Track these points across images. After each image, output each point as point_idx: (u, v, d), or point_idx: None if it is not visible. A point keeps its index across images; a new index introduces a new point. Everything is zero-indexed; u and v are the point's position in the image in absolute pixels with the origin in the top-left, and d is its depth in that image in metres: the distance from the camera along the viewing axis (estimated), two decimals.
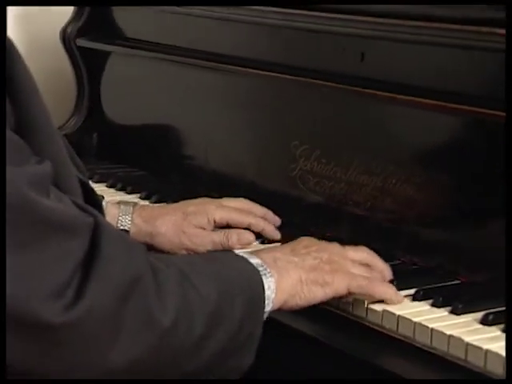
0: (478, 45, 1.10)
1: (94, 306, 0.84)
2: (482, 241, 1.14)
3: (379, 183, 1.25)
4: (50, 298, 0.82)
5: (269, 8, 1.35)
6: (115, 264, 0.87)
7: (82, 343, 0.85)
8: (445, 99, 1.15)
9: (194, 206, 1.31)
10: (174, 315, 0.90)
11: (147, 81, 1.64)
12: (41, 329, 0.82)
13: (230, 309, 0.97)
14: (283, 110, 1.40)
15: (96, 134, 1.73)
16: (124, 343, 0.87)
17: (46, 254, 0.83)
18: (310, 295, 1.05)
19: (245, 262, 1.03)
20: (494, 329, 0.98)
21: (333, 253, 1.11)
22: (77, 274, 0.84)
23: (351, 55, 1.27)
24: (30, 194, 0.83)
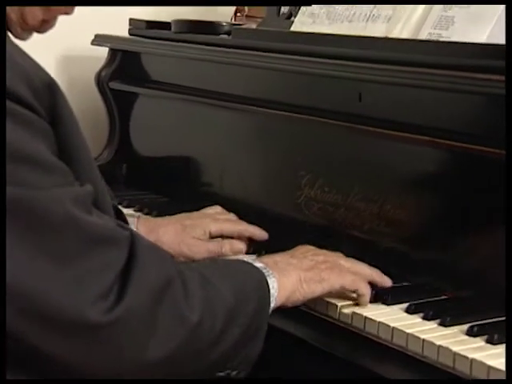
0: (462, 88, 1.10)
1: (133, 307, 0.86)
2: (467, 261, 1.14)
3: (375, 209, 1.24)
4: (96, 302, 0.84)
5: (278, 55, 1.36)
6: (149, 271, 0.89)
7: (124, 339, 0.86)
8: (432, 136, 1.15)
9: (191, 219, 1.32)
10: (200, 313, 0.92)
11: (170, 118, 1.65)
12: (89, 328, 0.83)
13: (244, 307, 0.98)
14: (290, 144, 1.40)
15: (125, 165, 1.74)
16: (160, 338, 0.88)
17: (91, 264, 0.85)
18: (309, 290, 1.06)
19: (251, 266, 1.04)
20: (479, 339, 0.98)
21: (327, 255, 1.13)
22: (117, 279, 0.86)
23: (350, 96, 1.27)
24: (75, 211, 0.84)
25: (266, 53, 1.38)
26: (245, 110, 1.45)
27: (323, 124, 1.31)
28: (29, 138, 0.83)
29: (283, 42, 1.38)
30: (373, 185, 1.25)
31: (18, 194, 0.80)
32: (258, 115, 1.43)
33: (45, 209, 0.82)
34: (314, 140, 1.35)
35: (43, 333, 0.83)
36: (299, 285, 1.05)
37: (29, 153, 0.82)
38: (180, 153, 1.64)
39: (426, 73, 1.14)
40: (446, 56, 1.14)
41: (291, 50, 1.34)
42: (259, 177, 1.48)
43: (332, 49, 1.29)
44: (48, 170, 0.84)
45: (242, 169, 1.50)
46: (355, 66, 1.23)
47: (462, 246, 1.15)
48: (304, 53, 1.32)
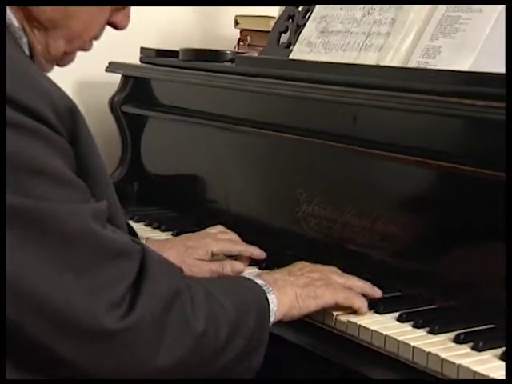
0: (448, 112, 1.11)
1: (144, 315, 0.86)
2: (453, 273, 1.13)
3: (368, 224, 1.24)
4: (109, 310, 0.84)
5: (278, 81, 1.36)
6: (159, 282, 0.89)
7: (135, 346, 0.86)
8: (420, 156, 1.15)
9: (193, 240, 1.31)
10: (205, 323, 0.91)
11: (178, 139, 1.65)
12: (103, 334, 0.84)
13: (245, 319, 0.98)
14: (290, 164, 1.39)
15: (136, 183, 1.73)
16: (169, 345, 0.88)
17: (106, 275, 0.85)
18: (304, 306, 1.06)
19: (252, 282, 1.04)
20: (465, 346, 0.98)
21: (322, 272, 1.12)
22: (129, 290, 0.86)
23: (345, 119, 1.27)
24: (93, 225, 0.85)
25: (266, 79, 1.39)
26: (247, 131, 1.45)
27: (320, 145, 1.31)
28: (51, 156, 0.83)
29: (283, 69, 1.39)
30: (366, 202, 1.25)
31: (40, 207, 0.81)
32: (260, 137, 1.43)
33: (65, 222, 0.82)
34: (312, 160, 1.34)
35: (60, 336, 0.83)
36: (296, 301, 1.06)
37: (50, 169, 0.83)
38: (187, 171, 1.64)
39: (414, 98, 1.14)
40: (433, 83, 1.14)
41: (290, 77, 1.35)
42: (261, 194, 1.47)
43: (328, 75, 1.29)
44: (68, 186, 0.84)
45: (245, 186, 1.50)
46: (349, 91, 1.23)
47: (449, 259, 1.15)
48: (302, 79, 1.32)
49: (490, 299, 1.07)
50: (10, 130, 0.80)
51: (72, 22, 0.96)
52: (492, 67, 1.11)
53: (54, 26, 0.95)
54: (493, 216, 1.08)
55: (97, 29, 1.00)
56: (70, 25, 0.96)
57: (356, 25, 1.34)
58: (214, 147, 1.56)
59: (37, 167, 0.81)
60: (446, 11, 1.22)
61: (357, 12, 1.36)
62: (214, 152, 1.56)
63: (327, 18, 1.40)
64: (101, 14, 0.99)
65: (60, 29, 0.96)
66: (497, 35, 1.14)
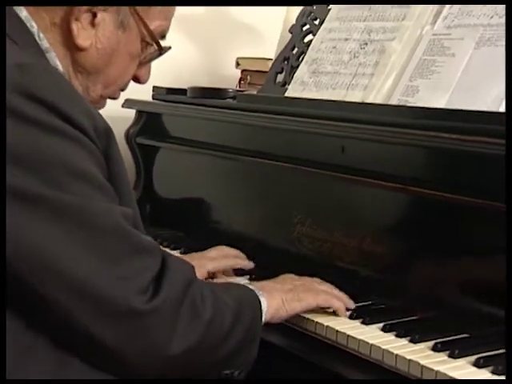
0: (426, 144, 1.11)
1: (166, 300, 0.88)
2: (432, 288, 1.13)
3: (355, 244, 1.24)
4: (138, 294, 0.86)
5: (274, 116, 1.36)
6: (177, 274, 0.91)
7: (159, 326, 0.88)
8: (401, 183, 1.15)
9: (194, 262, 1.31)
10: (212, 312, 0.94)
11: (186, 167, 1.65)
12: (133, 313, 0.86)
13: (244, 312, 1.00)
14: (285, 189, 1.39)
15: (149, 206, 1.73)
16: (181, 332, 0.90)
17: (134, 266, 0.88)
18: (290, 308, 1.08)
19: (245, 287, 1.07)
20: (442, 354, 0.97)
21: (305, 280, 1.15)
22: (153, 280, 0.89)
23: (334, 150, 1.27)
24: (124, 223, 0.88)
25: (264, 114, 1.39)
26: (247, 161, 1.46)
27: (312, 173, 1.31)
28: (89, 162, 0.86)
29: (279, 106, 1.39)
30: (353, 224, 1.25)
31: (80, 204, 0.84)
32: (258, 165, 1.43)
33: (100, 217, 0.85)
34: (305, 186, 1.34)
35: (94, 315, 0.85)
36: (282, 304, 1.07)
37: (89, 173, 0.86)
38: (194, 195, 1.64)
39: (396, 132, 1.14)
40: (412, 118, 1.15)
41: (285, 112, 1.35)
42: (259, 216, 1.47)
43: (319, 111, 1.30)
44: (102, 189, 0.87)
45: (245, 209, 1.50)
46: (338, 125, 1.24)
47: (427, 276, 1.14)
48: (296, 114, 1.33)
49: (465, 311, 1.07)
50: (56, 136, 0.83)
51: (111, 69, 1.01)
52: (464, 105, 1.12)
53: (96, 72, 1.00)
54: (464, 236, 1.09)
55: (127, 78, 1.06)
56: (109, 72, 1.01)
57: (344, 66, 1.35)
58: (217, 174, 1.56)
59: (78, 170, 0.84)
60: (423, 55, 1.23)
61: (344, 55, 1.36)
62: (217, 178, 1.56)
63: (318, 60, 1.41)
64: (132, 64, 1.04)
65: (100, 74, 1.01)
66: (468, 77, 1.15)
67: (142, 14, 0.99)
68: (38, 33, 0.95)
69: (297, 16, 1.52)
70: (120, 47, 1.00)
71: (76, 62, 0.99)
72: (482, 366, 0.93)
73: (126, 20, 0.98)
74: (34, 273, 0.82)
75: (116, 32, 0.98)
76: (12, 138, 0.81)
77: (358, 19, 1.38)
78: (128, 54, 1.02)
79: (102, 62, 1.00)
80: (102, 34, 0.98)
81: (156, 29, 1.02)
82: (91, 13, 0.96)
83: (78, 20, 0.95)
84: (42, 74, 0.85)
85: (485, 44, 1.15)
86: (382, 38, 1.31)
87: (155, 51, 1.04)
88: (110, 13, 0.97)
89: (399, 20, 1.29)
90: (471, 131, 1.04)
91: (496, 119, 1.04)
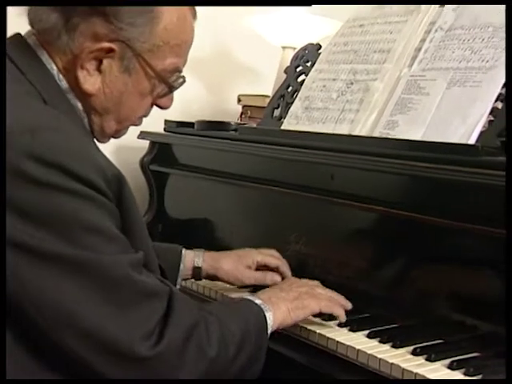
0: (405, 172, 1.11)
1: (170, 344, 0.85)
2: (412, 298, 1.13)
3: (343, 259, 1.24)
4: (142, 340, 0.82)
5: (272, 146, 1.36)
6: (182, 316, 0.88)
7: (162, 369, 0.84)
8: (384, 206, 1.15)
9: (243, 252, 1.31)
10: (217, 347, 0.90)
11: (193, 191, 1.64)
12: (136, 359, 0.83)
13: (248, 338, 0.96)
14: (282, 211, 1.39)
15: (161, 225, 1.72)
16: (188, 368, 0.87)
17: (140, 312, 0.84)
18: (295, 316, 1.05)
19: (252, 303, 1.02)
20: (420, 358, 0.98)
21: (308, 286, 1.12)
22: (159, 322, 0.85)
23: (325, 176, 1.27)
24: (131, 272, 0.84)
25: (262, 145, 1.39)
26: (246, 186, 1.45)
27: (305, 197, 1.31)
28: (101, 216, 0.82)
29: (275, 137, 1.39)
30: (341, 241, 1.25)
31: (88, 257, 0.80)
32: (257, 190, 1.43)
33: (109, 270, 0.82)
34: (299, 208, 1.34)
35: (101, 358, 0.82)
36: (287, 314, 1.04)
37: (100, 227, 0.82)
38: (200, 216, 1.63)
39: (378, 161, 1.14)
40: (393, 149, 1.15)
41: (281, 143, 1.35)
42: (259, 234, 1.46)
43: (311, 142, 1.30)
44: (113, 241, 0.84)
45: (246, 228, 1.49)
46: (328, 155, 1.24)
47: (408, 288, 1.14)
48: (290, 145, 1.33)
49: (440, 320, 1.07)
50: (69, 196, 0.79)
51: (122, 109, 0.95)
52: (437, 137, 1.12)
53: (107, 113, 0.95)
54: (439, 254, 1.09)
55: (141, 113, 0.99)
56: (120, 111, 0.95)
57: (332, 103, 1.35)
58: (220, 197, 1.55)
59: (90, 225, 0.81)
60: (402, 94, 1.23)
61: (333, 93, 1.37)
62: (220, 201, 1.56)
63: (310, 97, 1.41)
64: (144, 100, 0.97)
65: (112, 114, 0.95)
66: (440, 113, 1.15)
67: (148, 55, 0.92)
68: (58, 74, 0.91)
69: (291, 58, 1.53)
70: (128, 89, 0.93)
71: (88, 104, 0.93)
72: (456, 369, 0.93)
73: (132, 64, 0.91)
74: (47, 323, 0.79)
75: (122, 76, 0.92)
76: (25, 200, 0.77)
77: (344, 62, 1.38)
78: (138, 93, 0.95)
79: (112, 104, 0.94)
80: (108, 79, 0.91)
81: (167, 67, 0.94)
82: (97, 60, 0.90)
83: (83, 68, 0.90)
84: (52, 136, 0.80)
85: (455, 85, 1.15)
86: (365, 79, 1.31)
87: (166, 88, 0.98)
88: (115, 58, 0.90)
89: (381, 63, 1.30)
90: (444, 161, 1.04)
91: (465, 150, 1.05)
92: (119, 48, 0.90)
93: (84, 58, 0.90)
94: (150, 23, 0.90)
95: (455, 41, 1.20)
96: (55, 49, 0.91)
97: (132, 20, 0.89)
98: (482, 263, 1.03)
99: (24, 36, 0.94)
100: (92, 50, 0.89)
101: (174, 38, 0.93)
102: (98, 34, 0.89)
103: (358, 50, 1.36)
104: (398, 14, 1.32)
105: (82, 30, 0.89)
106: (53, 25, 0.89)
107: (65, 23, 0.89)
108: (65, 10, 0.88)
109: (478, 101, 1.10)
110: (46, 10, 0.89)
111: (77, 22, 0.88)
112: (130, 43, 0.90)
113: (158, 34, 0.91)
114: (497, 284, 0.99)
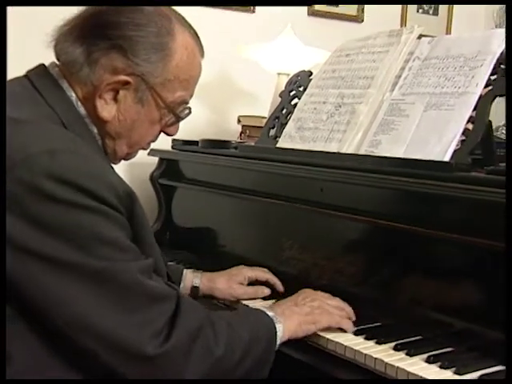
0: (387, 186, 1.12)
1: (177, 344, 0.84)
2: (393, 299, 1.13)
3: (332, 265, 1.24)
4: (151, 339, 0.82)
5: (268, 162, 1.36)
6: (188, 319, 0.87)
7: (167, 367, 0.84)
8: (368, 216, 1.16)
9: (235, 270, 1.31)
10: (224, 348, 0.89)
11: (198, 203, 1.65)
12: (145, 358, 0.82)
13: (256, 345, 0.95)
14: (277, 221, 1.39)
15: (168, 233, 1.72)
16: (193, 367, 0.86)
17: (149, 314, 0.84)
18: (306, 330, 1.04)
19: (264, 314, 1.01)
20: (401, 353, 0.98)
21: (321, 301, 1.09)
22: (167, 324, 0.84)
23: (315, 189, 1.28)
24: (141, 278, 0.84)
25: (259, 161, 1.40)
26: (246, 198, 1.46)
27: (297, 208, 1.32)
28: (113, 229, 0.83)
29: (271, 155, 1.40)
30: (330, 248, 1.26)
31: (102, 265, 0.81)
32: (256, 202, 1.43)
33: (121, 276, 0.82)
34: (292, 218, 1.34)
35: (114, 357, 0.82)
36: (299, 327, 1.03)
37: (112, 239, 0.82)
38: (204, 225, 1.63)
39: (364, 175, 1.15)
40: (376, 165, 1.16)
41: (276, 160, 1.36)
42: (256, 241, 1.47)
43: (303, 159, 1.30)
44: (124, 250, 0.84)
45: (245, 236, 1.49)
46: (318, 170, 1.25)
47: (389, 290, 1.14)
48: (285, 161, 1.33)
49: (419, 318, 1.07)
50: (84, 211, 0.80)
51: (133, 135, 0.96)
52: (417, 155, 1.13)
53: (120, 138, 0.96)
54: (418, 259, 1.09)
55: (151, 138, 1.00)
56: (131, 136, 0.96)
57: (322, 124, 1.36)
58: (222, 208, 1.56)
59: (104, 237, 0.81)
60: (384, 115, 1.24)
61: (323, 115, 1.37)
62: (222, 211, 1.56)
63: (302, 118, 1.42)
64: (153, 128, 0.97)
65: (124, 139, 0.96)
66: (419, 133, 1.16)
67: (160, 88, 0.92)
68: (77, 101, 0.92)
69: (285, 84, 1.54)
70: (140, 117, 0.93)
71: (103, 129, 0.94)
72: (432, 362, 0.94)
73: (145, 96, 0.92)
74: (66, 325, 0.79)
75: (136, 106, 0.92)
76: (45, 215, 0.78)
77: (333, 87, 1.39)
78: (148, 121, 0.95)
79: (125, 130, 0.94)
80: (123, 108, 0.92)
81: (176, 99, 0.95)
82: (114, 91, 0.91)
83: (101, 97, 0.91)
84: (69, 158, 0.80)
85: (431, 108, 1.16)
86: (352, 102, 1.32)
87: (174, 118, 0.98)
88: (130, 90, 0.91)
89: (365, 88, 1.31)
90: (422, 176, 1.05)
91: (441, 167, 1.06)
92: (135, 81, 0.91)
93: (103, 88, 0.90)
94: (163, 60, 0.91)
95: (431, 69, 1.22)
96: (76, 79, 0.92)
97: (147, 57, 0.90)
98: (456, 268, 1.04)
99: (48, 66, 0.95)
100: (110, 82, 0.91)
101: (184, 73, 0.94)
102: (117, 67, 0.90)
103: (345, 77, 1.37)
104: (380, 45, 1.34)
105: (103, 64, 0.90)
106: (76, 58, 0.90)
107: (87, 57, 0.90)
108: (88, 45, 0.90)
109: (452, 122, 1.11)
110: (72, 45, 0.91)
111: (98, 56, 0.90)
112: (144, 77, 0.91)
113: (170, 69, 0.92)
114: (469, 286, 1.01)
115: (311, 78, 1.48)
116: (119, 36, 0.89)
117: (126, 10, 0.89)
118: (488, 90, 1.10)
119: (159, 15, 0.91)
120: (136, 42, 0.89)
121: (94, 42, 0.89)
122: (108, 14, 0.90)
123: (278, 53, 1.86)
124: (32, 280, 0.79)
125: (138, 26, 0.89)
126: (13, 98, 0.88)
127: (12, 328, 0.80)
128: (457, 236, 1.00)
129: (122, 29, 0.89)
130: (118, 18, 0.89)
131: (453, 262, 1.04)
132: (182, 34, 0.93)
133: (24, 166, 0.78)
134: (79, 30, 0.91)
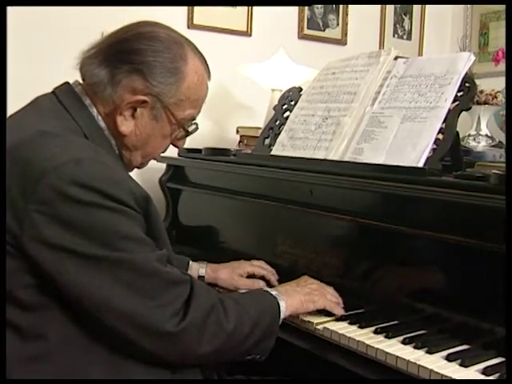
0: (368, 189, 1.12)
1: (193, 321, 0.85)
2: (374, 289, 1.13)
3: (321, 258, 1.25)
4: (170, 319, 0.84)
5: (263, 168, 1.36)
6: (202, 299, 0.88)
7: (186, 340, 0.85)
8: (352, 216, 1.16)
9: (237, 263, 1.32)
10: (234, 323, 0.90)
11: (201, 204, 1.65)
12: (167, 334, 0.83)
13: (263, 320, 0.95)
14: (271, 220, 1.40)
15: (175, 231, 1.72)
16: (208, 340, 0.87)
17: (167, 297, 0.85)
18: (306, 307, 1.06)
19: (268, 293, 1.02)
20: (380, 336, 0.99)
21: (319, 285, 1.11)
22: (183, 305, 0.86)
23: (305, 192, 1.28)
24: (157, 266, 0.85)
25: (255, 167, 1.40)
26: (244, 200, 1.46)
27: (289, 209, 1.32)
28: (132, 225, 0.84)
29: (266, 161, 1.40)
30: (319, 244, 1.26)
31: (124, 257, 0.82)
32: (252, 203, 1.43)
33: (140, 265, 0.83)
34: (284, 218, 1.35)
35: (141, 336, 0.83)
36: (300, 304, 1.05)
37: (130, 234, 0.83)
38: (206, 224, 1.63)
39: (348, 180, 1.15)
40: (360, 171, 1.16)
41: (270, 166, 1.36)
42: (252, 237, 1.47)
43: (294, 165, 1.30)
44: (142, 243, 0.85)
45: (242, 233, 1.49)
46: (308, 175, 1.25)
47: (371, 281, 1.15)
48: (278, 167, 1.33)
49: (395, 305, 1.08)
50: (106, 211, 0.81)
51: (147, 147, 0.97)
52: (394, 161, 1.14)
53: (135, 149, 0.97)
54: (397, 253, 1.10)
55: (161, 150, 1.02)
56: (145, 149, 0.97)
57: (311, 134, 1.37)
58: (223, 208, 1.56)
59: (123, 233, 0.82)
60: (366, 127, 1.25)
61: (312, 126, 1.38)
62: (223, 211, 1.56)
63: (293, 129, 1.42)
64: (165, 141, 0.99)
65: (139, 151, 0.97)
66: (396, 142, 1.17)
67: (173, 107, 0.94)
68: (97, 116, 0.93)
69: (279, 98, 1.54)
70: (154, 132, 0.95)
71: (120, 142, 0.95)
72: (407, 343, 0.95)
73: (159, 113, 0.93)
74: (96, 309, 0.81)
75: (151, 122, 0.94)
76: (72, 216, 0.79)
77: (320, 101, 1.39)
78: (161, 136, 0.97)
79: (140, 143, 0.96)
80: (140, 124, 0.93)
81: (186, 116, 0.97)
82: (132, 108, 0.92)
83: (121, 114, 0.92)
84: (92, 166, 0.82)
85: (407, 120, 1.18)
86: (337, 115, 1.33)
87: (183, 133, 0.99)
88: (147, 108, 0.93)
89: (349, 102, 1.32)
90: (399, 180, 1.06)
91: (416, 172, 1.08)
92: (151, 100, 0.92)
93: (123, 106, 0.92)
94: (177, 82, 0.93)
95: (406, 86, 1.23)
96: (99, 98, 0.94)
97: (163, 79, 0.92)
98: (427, 260, 1.05)
99: (72, 84, 0.96)
100: (130, 101, 0.92)
101: (194, 94, 0.96)
102: (136, 88, 0.91)
103: (331, 92, 1.38)
104: (361, 65, 1.35)
105: (123, 85, 0.91)
106: (101, 79, 0.92)
107: (111, 79, 0.91)
108: (112, 68, 0.92)
109: (425, 133, 1.12)
110: (97, 67, 0.92)
111: (120, 78, 0.91)
112: (160, 97, 0.92)
113: (183, 91, 0.94)
114: (438, 276, 1.02)
115: (301, 93, 1.49)
116: (140, 61, 0.90)
117: (146, 38, 0.92)
118: (455, 105, 1.12)
119: (174, 43, 0.94)
120: (154, 67, 0.91)
121: (117, 66, 0.91)
122: (130, 41, 0.92)
123: (272, 71, 1.88)
124: (65, 272, 0.80)
125: (156, 52, 0.91)
126: (42, 113, 0.90)
127: (47, 313, 0.82)
128: (429, 233, 1.01)
129: (142, 55, 0.91)
130: (138, 45, 0.91)
131: (425, 255, 1.05)
132: (193, 59, 0.95)
133: (54, 173, 0.79)
134: (104, 54, 0.93)
